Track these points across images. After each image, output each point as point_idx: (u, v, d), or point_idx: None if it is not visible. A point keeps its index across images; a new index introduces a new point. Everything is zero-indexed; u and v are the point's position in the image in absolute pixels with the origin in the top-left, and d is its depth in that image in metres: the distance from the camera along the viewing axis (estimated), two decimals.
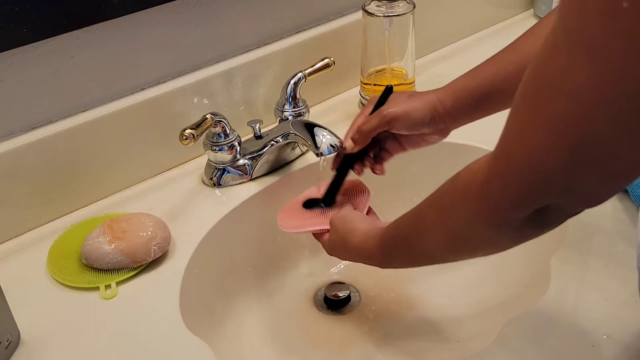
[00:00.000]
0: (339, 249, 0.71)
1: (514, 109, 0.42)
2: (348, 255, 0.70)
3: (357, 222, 0.69)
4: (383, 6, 0.91)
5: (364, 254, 0.66)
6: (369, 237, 0.66)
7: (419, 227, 0.58)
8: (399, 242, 0.62)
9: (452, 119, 0.71)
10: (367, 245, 0.66)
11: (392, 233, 0.63)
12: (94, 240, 0.72)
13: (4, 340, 0.62)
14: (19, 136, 0.75)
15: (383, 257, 0.64)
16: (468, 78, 0.70)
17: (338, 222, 0.71)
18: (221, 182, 0.84)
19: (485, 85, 0.68)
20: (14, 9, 0.68)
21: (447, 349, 0.77)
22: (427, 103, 0.70)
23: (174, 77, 0.85)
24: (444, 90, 0.71)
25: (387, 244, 0.63)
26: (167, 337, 0.65)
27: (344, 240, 0.69)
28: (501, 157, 0.44)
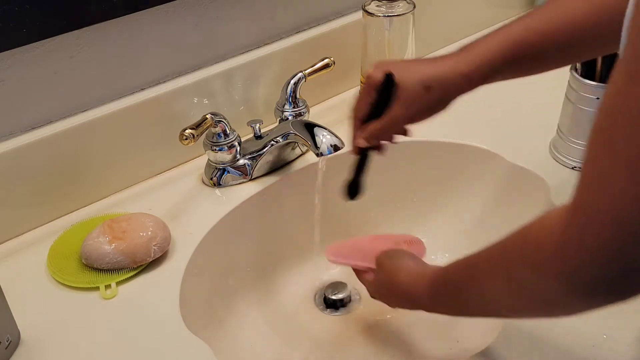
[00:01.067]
0: (384, 289, 0.66)
1: (589, 154, 0.38)
2: (393, 297, 0.65)
3: (406, 260, 0.64)
4: (383, 6, 0.91)
5: (411, 294, 0.61)
6: (418, 277, 0.61)
7: (477, 278, 0.52)
8: (452, 288, 0.56)
9: (472, 89, 0.63)
10: (415, 286, 0.60)
11: (445, 277, 0.57)
12: (94, 240, 0.72)
13: (4, 340, 0.62)
14: (19, 136, 0.75)
15: (432, 300, 0.59)
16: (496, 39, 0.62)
17: (385, 259, 0.66)
18: (221, 182, 0.84)
19: (519, 46, 0.61)
20: (14, 9, 0.68)
21: (447, 349, 0.77)
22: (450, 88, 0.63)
23: (174, 77, 0.85)
24: (468, 60, 0.62)
25: (438, 288, 0.58)
26: (167, 337, 0.65)
27: (389, 278, 0.64)
28: (579, 208, 0.39)
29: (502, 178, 0.87)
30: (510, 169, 0.86)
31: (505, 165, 0.86)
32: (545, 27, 0.60)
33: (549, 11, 0.61)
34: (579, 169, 0.83)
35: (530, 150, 0.87)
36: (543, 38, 0.60)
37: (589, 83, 0.79)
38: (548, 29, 0.60)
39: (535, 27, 0.61)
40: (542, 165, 0.84)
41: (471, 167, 0.89)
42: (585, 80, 0.79)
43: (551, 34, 0.60)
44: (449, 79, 0.63)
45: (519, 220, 0.86)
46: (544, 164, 0.85)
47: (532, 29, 0.61)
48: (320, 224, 0.85)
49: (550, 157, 0.86)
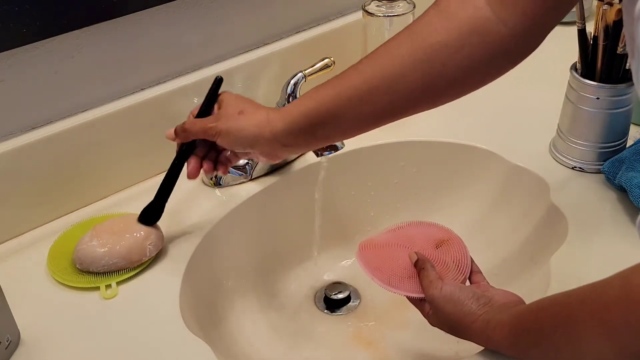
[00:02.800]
0: (450, 330, 0.63)
1: None
2: (463, 336, 0.62)
3: (468, 304, 0.61)
4: (383, 6, 0.91)
5: (489, 342, 0.59)
6: (493, 325, 0.58)
7: (569, 328, 0.48)
8: (539, 338, 0.52)
9: (279, 145, 0.65)
10: (493, 335, 0.57)
11: (529, 326, 0.54)
12: (86, 244, 0.71)
13: (4, 340, 0.62)
14: (19, 136, 0.75)
15: (515, 350, 0.56)
16: (305, 99, 0.65)
17: (444, 304, 0.62)
18: (221, 182, 0.84)
19: (322, 107, 0.63)
20: (14, 9, 0.68)
21: (447, 349, 0.77)
22: (255, 124, 0.65)
23: (174, 77, 0.85)
24: (278, 111, 0.66)
25: (524, 340, 0.55)
26: (167, 337, 0.65)
27: (456, 325, 0.61)
28: None
29: (502, 178, 0.87)
30: (510, 169, 0.86)
31: (505, 165, 0.86)
32: (343, 92, 0.62)
33: (349, 77, 0.63)
34: (579, 169, 0.83)
35: (530, 150, 0.87)
36: (340, 104, 0.62)
37: (589, 83, 0.79)
38: (345, 96, 0.62)
39: (335, 93, 0.63)
40: (542, 165, 0.84)
41: (471, 167, 0.89)
42: (585, 80, 0.79)
43: (347, 99, 0.62)
44: (257, 117, 0.66)
45: (519, 220, 0.86)
46: (544, 164, 0.85)
47: (332, 95, 0.63)
48: (320, 224, 0.85)
49: (550, 157, 0.86)
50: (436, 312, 0.63)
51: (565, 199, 0.79)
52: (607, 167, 0.79)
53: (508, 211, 0.87)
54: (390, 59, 0.61)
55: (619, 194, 0.79)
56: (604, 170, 0.79)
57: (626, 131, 0.83)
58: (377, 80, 0.61)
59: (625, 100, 0.79)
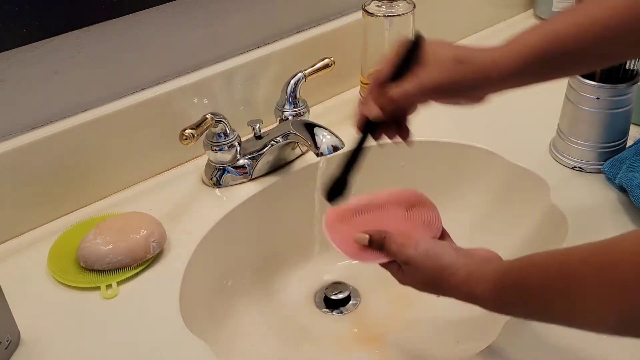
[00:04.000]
0: (427, 288, 0.61)
1: None
2: (441, 293, 0.60)
3: (447, 257, 0.58)
4: (383, 6, 0.91)
5: (467, 296, 0.56)
6: (475, 279, 0.55)
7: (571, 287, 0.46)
8: (532, 298, 0.50)
9: (502, 86, 0.59)
10: (475, 289, 0.55)
11: (520, 283, 0.51)
12: (90, 242, 0.72)
13: (4, 340, 0.62)
14: (19, 136, 0.75)
15: (499, 306, 0.54)
16: (536, 32, 0.57)
17: (423, 260, 0.59)
18: (221, 182, 0.84)
19: (560, 40, 0.56)
20: (14, 9, 0.68)
21: (447, 349, 0.77)
22: (480, 70, 0.58)
23: (174, 77, 0.85)
24: (503, 50, 0.58)
25: (509, 295, 0.52)
26: (167, 337, 0.65)
27: (435, 281, 0.58)
28: None
29: (502, 178, 0.87)
30: (510, 169, 0.86)
31: (505, 165, 0.86)
32: (584, 21, 0.57)
33: (589, 5, 0.57)
34: (579, 169, 0.83)
35: (530, 150, 0.87)
36: (579, 34, 0.57)
37: (589, 83, 0.79)
38: (586, 25, 0.57)
39: (572, 22, 0.57)
40: (542, 165, 0.84)
41: (471, 167, 0.89)
42: (585, 80, 0.79)
43: (588, 31, 0.57)
44: (480, 59, 0.58)
45: (519, 220, 0.86)
46: (544, 164, 0.85)
47: (569, 24, 0.57)
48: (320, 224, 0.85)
49: (550, 157, 0.86)
50: (413, 272, 0.60)
51: (565, 199, 0.79)
52: (608, 167, 0.79)
53: (508, 211, 0.87)
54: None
55: (619, 194, 0.79)
56: (604, 170, 0.80)
57: (626, 131, 0.83)
58: (622, 11, 0.55)
59: (625, 100, 0.79)
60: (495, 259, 0.58)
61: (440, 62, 0.59)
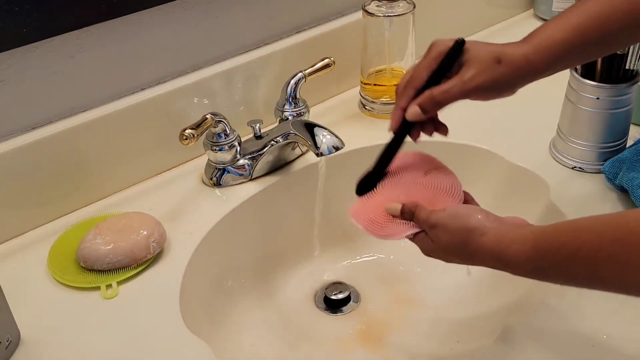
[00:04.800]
0: (454, 252, 0.59)
1: None
2: (469, 258, 0.58)
3: (477, 218, 0.57)
4: (383, 6, 0.91)
5: (501, 259, 0.54)
6: (509, 240, 0.54)
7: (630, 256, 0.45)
8: (579, 262, 0.48)
9: (535, 79, 0.62)
10: (508, 250, 0.53)
11: (566, 246, 0.50)
12: (90, 242, 0.72)
13: (4, 340, 0.62)
14: (19, 136, 0.75)
15: (537, 269, 0.52)
16: (560, 26, 0.60)
17: (449, 221, 0.58)
18: (221, 182, 0.84)
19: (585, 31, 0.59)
20: (14, 9, 0.68)
21: (447, 349, 0.77)
22: (517, 69, 0.61)
23: (174, 77, 0.85)
24: (533, 46, 0.61)
25: (551, 258, 0.51)
26: (167, 337, 0.65)
27: (463, 243, 0.57)
28: None
29: (502, 178, 0.87)
30: (510, 169, 0.86)
31: (505, 165, 0.86)
32: (606, 9, 0.59)
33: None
34: (579, 169, 0.83)
35: (530, 150, 0.87)
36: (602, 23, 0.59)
37: (589, 83, 0.79)
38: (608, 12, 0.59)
39: (595, 11, 0.60)
40: (542, 165, 0.84)
41: (471, 167, 0.89)
42: (585, 80, 0.79)
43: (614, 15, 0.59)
44: (515, 58, 0.61)
45: None
46: (544, 164, 0.85)
47: (591, 14, 0.60)
48: (320, 224, 0.85)
49: (550, 157, 0.86)
50: (440, 235, 0.59)
51: (565, 199, 0.79)
52: (608, 168, 0.79)
53: (508, 211, 0.86)
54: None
55: (619, 194, 0.79)
56: (605, 170, 0.80)
57: (626, 131, 0.83)
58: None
59: (625, 100, 0.79)
60: (528, 225, 0.57)
61: (481, 62, 0.61)
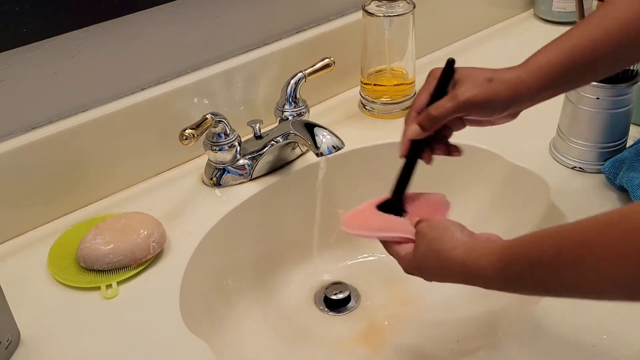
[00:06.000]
0: (428, 264, 0.59)
1: None
2: (441, 271, 0.58)
3: (453, 231, 0.59)
4: (383, 6, 0.91)
5: (470, 271, 0.55)
6: (478, 254, 0.55)
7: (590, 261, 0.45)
8: (542, 269, 0.49)
9: (532, 101, 0.64)
10: (477, 264, 0.54)
11: (530, 255, 0.50)
12: (90, 242, 0.72)
13: (4, 340, 0.62)
14: (19, 136, 0.75)
15: (504, 280, 0.53)
16: (555, 49, 0.62)
17: (427, 230, 0.60)
18: (221, 182, 0.84)
19: (578, 54, 0.61)
20: (14, 9, 0.68)
21: (447, 349, 0.77)
22: (510, 87, 0.62)
23: (174, 77, 0.85)
24: (528, 68, 0.63)
25: (517, 268, 0.51)
26: (167, 337, 0.65)
27: (436, 254, 0.58)
28: None
29: (502, 178, 0.87)
30: (510, 169, 0.86)
31: (505, 165, 0.86)
32: (598, 34, 0.61)
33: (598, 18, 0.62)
34: (579, 169, 0.83)
35: (530, 150, 0.87)
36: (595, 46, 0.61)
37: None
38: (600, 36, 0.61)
39: (587, 35, 0.62)
40: (542, 165, 0.84)
41: (471, 167, 0.89)
42: None
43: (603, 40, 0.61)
44: (507, 78, 0.63)
45: (518, 221, 0.86)
46: (544, 164, 0.85)
47: (584, 38, 0.62)
48: (320, 224, 0.85)
49: (550, 157, 0.86)
50: (417, 246, 0.60)
51: (565, 199, 0.79)
52: (608, 168, 0.79)
53: (508, 211, 0.87)
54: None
55: (619, 194, 0.79)
56: (605, 170, 0.79)
57: (626, 131, 0.83)
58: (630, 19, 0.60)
59: (625, 100, 0.79)
60: (500, 239, 0.58)
61: (473, 80, 0.63)
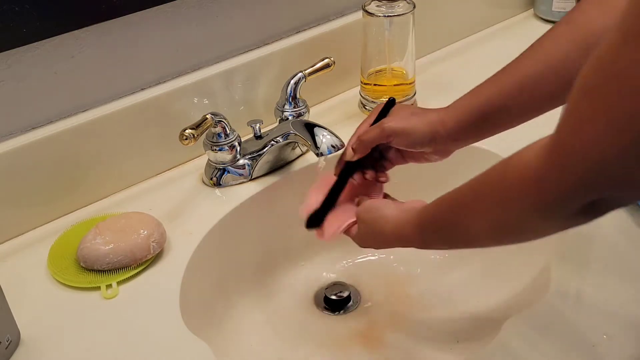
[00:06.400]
0: (372, 240, 0.70)
1: (572, 102, 0.42)
2: (383, 244, 0.69)
3: (383, 209, 0.68)
4: (383, 6, 0.91)
5: (401, 239, 0.65)
6: (403, 223, 0.65)
7: (461, 213, 0.57)
8: (439, 226, 0.61)
9: (452, 140, 0.70)
10: (403, 231, 0.64)
11: (431, 218, 0.61)
12: (90, 242, 0.72)
13: (4, 340, 0.62)
14: (19, 136, 0.75)
15: (423, 241, 0.64)
16: (471, 97, 0.69)
17: (364, 214, 0.70)
18: (221, 182, 0.84)
19: (488, 104, 0.67)
20: (14, 9, 0.68)
21: (447, 349, 0.77)
22: (429, 123, 0.70)
23: (174, 77, 0.85)
24: (447, 110, 0.70)
25: (426, 229, 0.62)
26: (167, 337, 0.65)
27: (375, 231, 0.68)
28: (559, 147, 0.43)
29: None
30: None
31: None
32: (507, 86, 0.67)
33: (514, 70, 0.67)
34: None
35: None
36: (507, 100, 0.66)
37: None
38: (509, 89, 0.66)
39: (502, 86, 0.67)
40: None
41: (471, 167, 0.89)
42: None
43: (511, 95, 0.66)
44: (429, 117, 0.70)
45: None
46: None
47: (499, 88, 0.67)
48: None
49: None
50: (359, 228, 0.70)
51: None
52: None
53: None
54: (552, 46, 0.63)
55: None
56: None
57: None
58: (541, 68, 0.64)
59: None
60: (419, 204, 0.65)
61: (399, 113, 0.73)
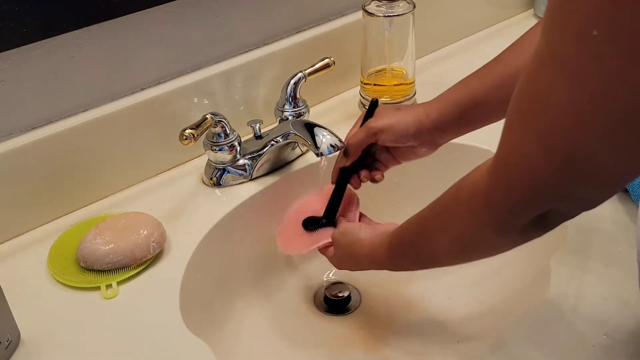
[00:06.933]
0: (347, 262, 0.73)
1: (507, 122, 0.44)
2: (359, 266, 0.71)
3: (358, 233, 0.70)
4: (383, 6, 0.91)
5: (375, 261, 0.68)
6: (376, 247, 0.67)
7: (424, 235, 0.60)
8: (406, 249, 0.63)
9: (438, 132, 0.72)
10: (376, 255, 0.67)
11: (398, 241, 0.64)
12: (90, 242, 0.72)
13: (4, 340, 0.62)
14: (19, 136, 0.75)
15: (394, 264, 0.66)
16: (455, 90, 0.71)
17: (340, 237, 0.73)
18: (221, 182, 0.84)
19: (471, 96, 0.69)
20: (14, 9, 0.68)
21: (447, 349, 0.77)
22: (413, 116, 0.71)
23: (174, 77, 0.85)
24: (431, 102, 0.72)
25: (395, 252, 0.65)
26: (167, 337, 0.65)
27: (350, 254, 0.71)
28: (501, 167, 0.46)
29: None
30: None
31: None
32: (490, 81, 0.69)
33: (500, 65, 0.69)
34: None
35: None
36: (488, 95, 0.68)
37: None
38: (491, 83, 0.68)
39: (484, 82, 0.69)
40: None
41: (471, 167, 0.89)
42: None
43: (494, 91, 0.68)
44: (414, 110, 0.72)
45: None
46: None
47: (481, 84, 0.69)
48: None
49: None
50: (336, 250, 0.73)
51: None
52: None
53: None
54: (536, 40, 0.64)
55: (619, 194, 0.79)
56: None
57: None
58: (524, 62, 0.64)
59: None
60: (392, 227, 0.67)
61: (383, 112, 0.75)
